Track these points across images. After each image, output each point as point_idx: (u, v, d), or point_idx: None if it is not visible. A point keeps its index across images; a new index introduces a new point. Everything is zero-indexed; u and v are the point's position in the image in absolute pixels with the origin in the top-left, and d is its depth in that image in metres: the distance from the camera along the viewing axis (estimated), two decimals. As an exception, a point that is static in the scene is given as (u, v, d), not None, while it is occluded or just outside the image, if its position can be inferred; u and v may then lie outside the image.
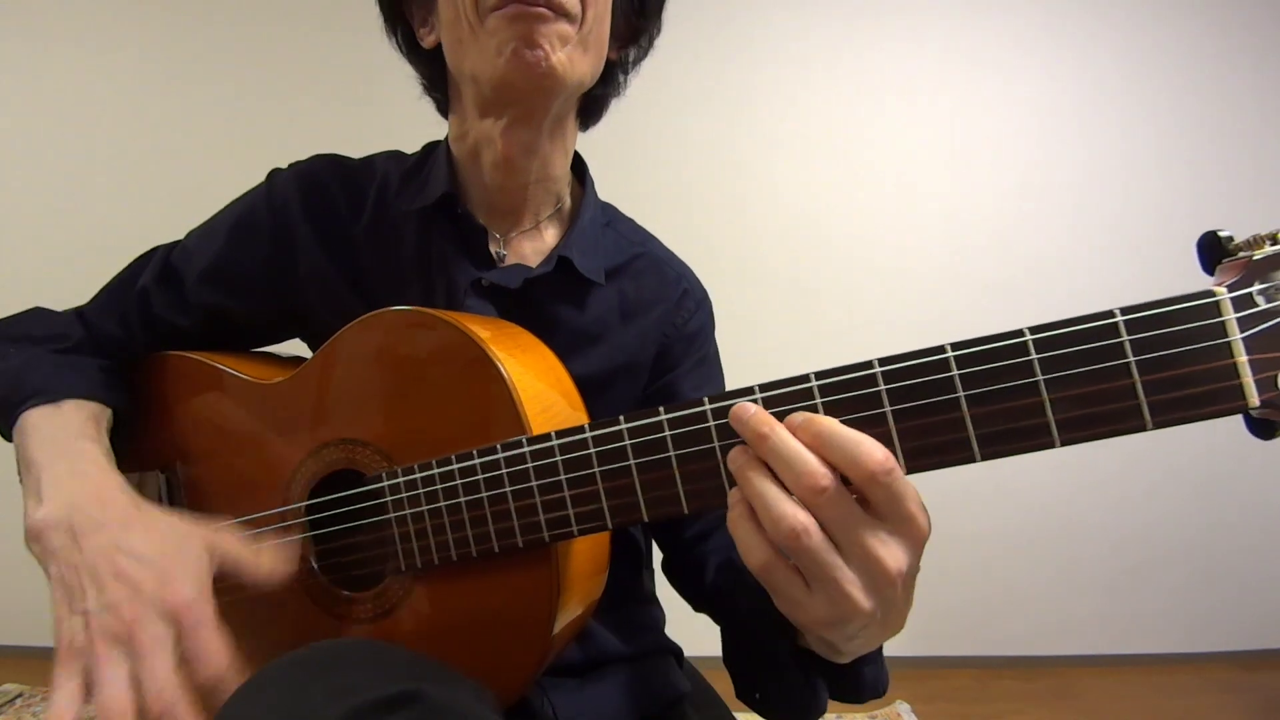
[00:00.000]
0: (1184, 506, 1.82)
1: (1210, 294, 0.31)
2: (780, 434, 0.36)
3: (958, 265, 1.88)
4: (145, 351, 0.66)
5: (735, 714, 0.70)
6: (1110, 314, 0.32)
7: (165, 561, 0.46)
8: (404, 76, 0.66)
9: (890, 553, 0.35)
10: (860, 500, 0.36)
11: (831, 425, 0.36)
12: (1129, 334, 0.32)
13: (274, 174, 0.66)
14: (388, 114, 1.28)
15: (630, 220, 0.73)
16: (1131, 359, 0.32)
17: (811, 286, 1.89)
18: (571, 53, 0.54)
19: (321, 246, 0.63)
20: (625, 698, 0.64)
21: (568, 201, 0.67)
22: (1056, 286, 1.85)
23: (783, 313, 1.88)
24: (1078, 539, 1.84)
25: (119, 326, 0.66)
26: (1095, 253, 1.85)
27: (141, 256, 0.68)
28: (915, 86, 1.88)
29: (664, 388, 0.68)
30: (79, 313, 0.67)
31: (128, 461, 0.63)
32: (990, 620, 1.87)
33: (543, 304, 0.63)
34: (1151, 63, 1.85)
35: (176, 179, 1.95)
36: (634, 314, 0.66)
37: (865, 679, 0.50)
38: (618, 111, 0.69)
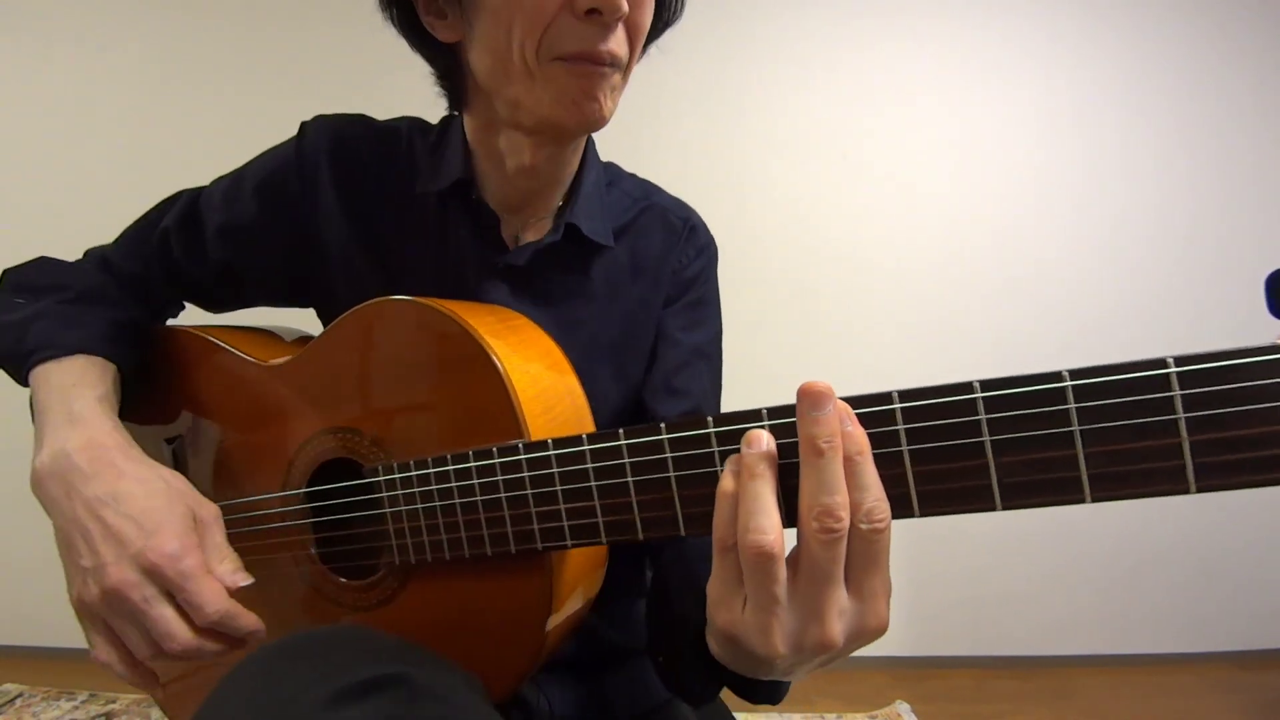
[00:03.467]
0: (1183, 506, 1.82)
1: (1276, 349, 0.28)
2: (836, 458, 0.33)
3: (958, 266, 1.87)
4: (164, 293, 0.67)
5: (734, 713, 0.69)
6: (1163, 363, 0.29)
7: (150, 516, 0.47)
8: (404, 76, 0.64)
9: (834, 626, 0.34)
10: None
11: (869, 459, 0.34)
12: (1181, 388, 0.29)
13: (304, 130, 0.64)
14: (390, 112, 1.25)
15: (632, 175, 0.73)
16: (1181, 415, 0.29)
17: (811, 287, 1.88)
18: (615, 96, 0.54)
19: (345, 217, 0.62)
20: (623, 695, 0.64)
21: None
22: (1057, 286, 1.85)
23: (782, 313, 1.87)
24: (1077, 539, 1.84)
25: (141, 267, 0.66)
26: (1096, 253, 1.84)
27: (168, 199, 0.68)
28: (915, 86, 1.86)
29: (656, 325, 0.67)
30: (102, 255, 0.67)
31: (134, 429, 0.63)
32: (989, 620, 1.87)
33: (554, 274, 0.63)
34: (1152, 63, 1.83)
35: (176, 178, 1.91)
36: (645, 268, 0.66)
37: (760, 689, 0.50)
38: (618, 111, 0.67)
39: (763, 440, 0.35)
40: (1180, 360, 0.29)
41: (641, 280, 0.66)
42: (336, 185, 0.62)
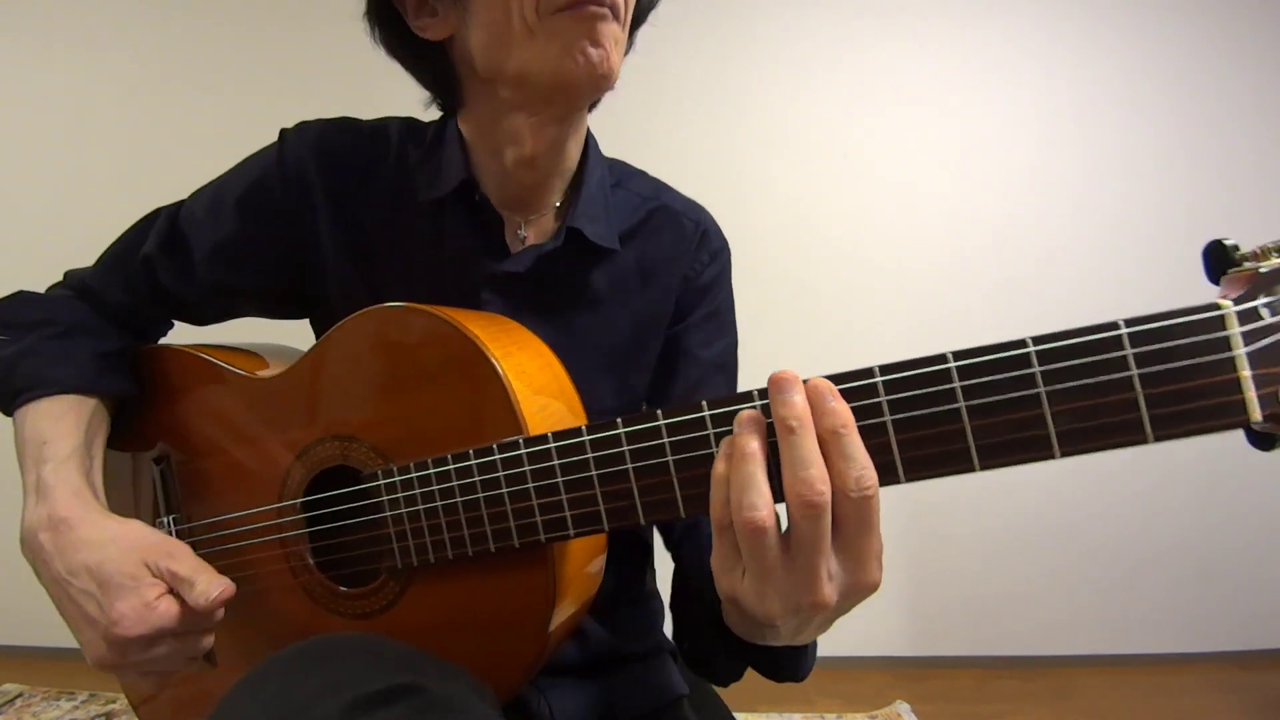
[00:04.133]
0: (1183, 506, 1.82)
1: (1215, 307, 0.30)
2: (806, 435, 0.36)
3: (958, 265, 1.87)
4: (152, 316, 0.66)
5: (734, 714, 0.70)
6: (1114, 325, 0.32)
7: (106, 587, 0.49)
8: (404, 77, 0.64)
9: (824, 590, 0.36)
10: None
11: (854, 431, 0.36)
12: (1132, 347, 0.31)
13: (285, 137, 0.63)
14: (388, 112, 1.27)
15: (642, 173, 0.71)
16: (1134, 372, 0.31)
17: (811, 286, 1.89)
18: (619, 51, 0.54)
19: (334, 225, 0.61)
20: (622, 697, 0.64)
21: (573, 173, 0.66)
22: (1057, 286, 1.85)
23: (783, 313, 1.87)
24: (1077, 539, 1.84)
25: (125, 293, 0.64)
26: (1096, 252, 1.85)
27: (145, 219, 0.66)
28: (916, 86, 1.87)
29: (672, 339, 0.67)
30: (83, 281, 0.65)
31: (125, 449, 0.64)
32: (990, 620, 1.87)
33: (559, 280, 0.62)
34: (1152, 62, 1.84)
35: (176, 178, 1.93)
36: (655, 273, 0.65)
37: (782, 664, 0.53)
38: (617, 111, 0.67)
39: (752, 421, 0.38)
40: (1130, 322, 0.31)
41: (650, 287, 0.65)
42: (323, 192, 0.61)
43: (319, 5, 1.95)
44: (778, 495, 0.37)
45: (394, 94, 0.66)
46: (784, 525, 0.38)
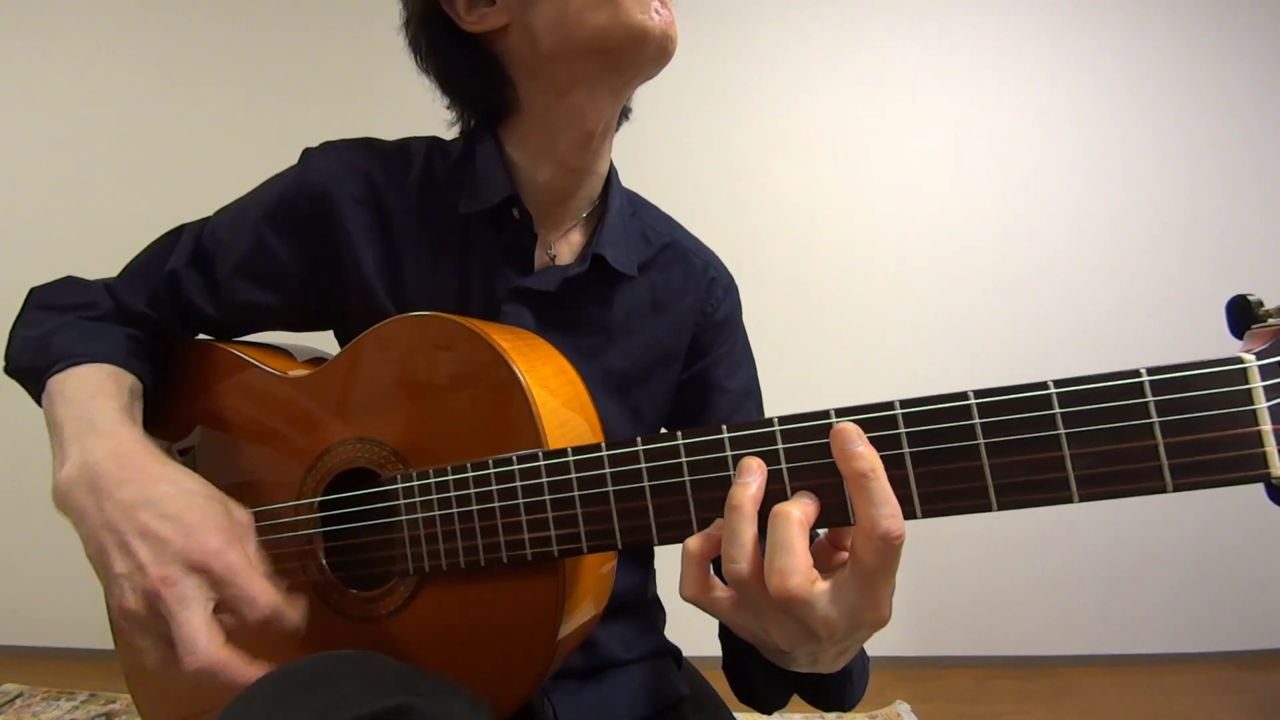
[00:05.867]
0: (1183, 506, 1.83)
1: (1238, 360, 0.30)
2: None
3: (958, 266, 1.87)
4: (173, 331, 0.66)
5: (735, 714, 0.70)
6: (1136, 373, 0.32)
7: (189, 515, 0.46)
8: (406, 77, 0.64)
9: (831, 619, 0.37)
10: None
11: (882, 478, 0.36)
12: (1154, 395, 0.32)
13: (308, 157, 0.63)
14: (389, 112, 1.27)
15: (654, 207, 0.73)
16: (1155, 420, 0.32)
17: (811, 287, 1.89)
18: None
19: (357, 241, 0.62)
20: (625, 700, 0.65)
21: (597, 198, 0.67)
22: (1057, 287, 1.85)
23: (783, 313, 1.87)
24: (1077, 539, 1.85)
25: (148, 306, 0.64)
26: (1096, 253, 1.85)
27: (169, 234, 0.67)
28: (915, 87, 1.87)
29: (698, 375, 0.69)
30: (107, 287, 0.65)
31: (150, 436, 0.64)
32: (990, 620, 1.88)
33: (577, 302, 0.63)
34: (1152, 62, 1.84)
35: (177, 178, 1.94)
36: (665, 305, 0.67)
37: (829, 692, 0.53)
38: None
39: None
40: (1152, 370, 0.32)
41: (660, 318, 0.67)
42: (346, 208, 0.61)
43: (321, 5, 1.94)
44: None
45: (397, 94, 0.64)
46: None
